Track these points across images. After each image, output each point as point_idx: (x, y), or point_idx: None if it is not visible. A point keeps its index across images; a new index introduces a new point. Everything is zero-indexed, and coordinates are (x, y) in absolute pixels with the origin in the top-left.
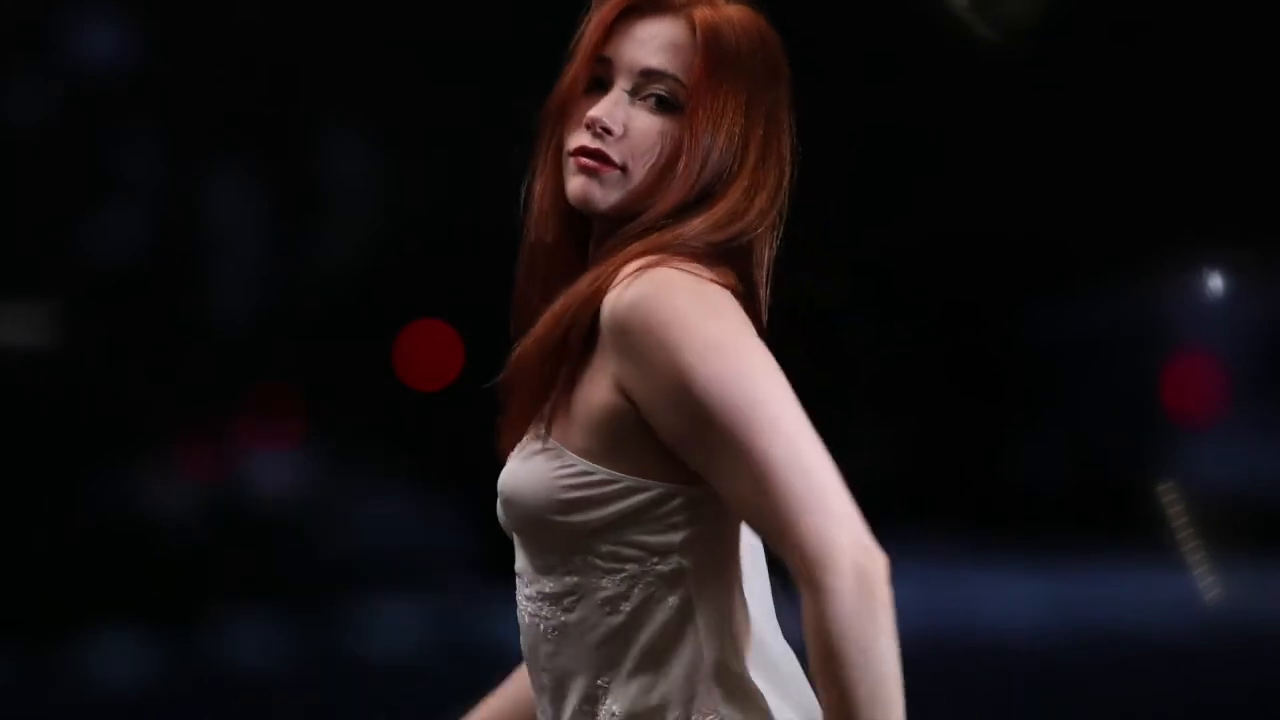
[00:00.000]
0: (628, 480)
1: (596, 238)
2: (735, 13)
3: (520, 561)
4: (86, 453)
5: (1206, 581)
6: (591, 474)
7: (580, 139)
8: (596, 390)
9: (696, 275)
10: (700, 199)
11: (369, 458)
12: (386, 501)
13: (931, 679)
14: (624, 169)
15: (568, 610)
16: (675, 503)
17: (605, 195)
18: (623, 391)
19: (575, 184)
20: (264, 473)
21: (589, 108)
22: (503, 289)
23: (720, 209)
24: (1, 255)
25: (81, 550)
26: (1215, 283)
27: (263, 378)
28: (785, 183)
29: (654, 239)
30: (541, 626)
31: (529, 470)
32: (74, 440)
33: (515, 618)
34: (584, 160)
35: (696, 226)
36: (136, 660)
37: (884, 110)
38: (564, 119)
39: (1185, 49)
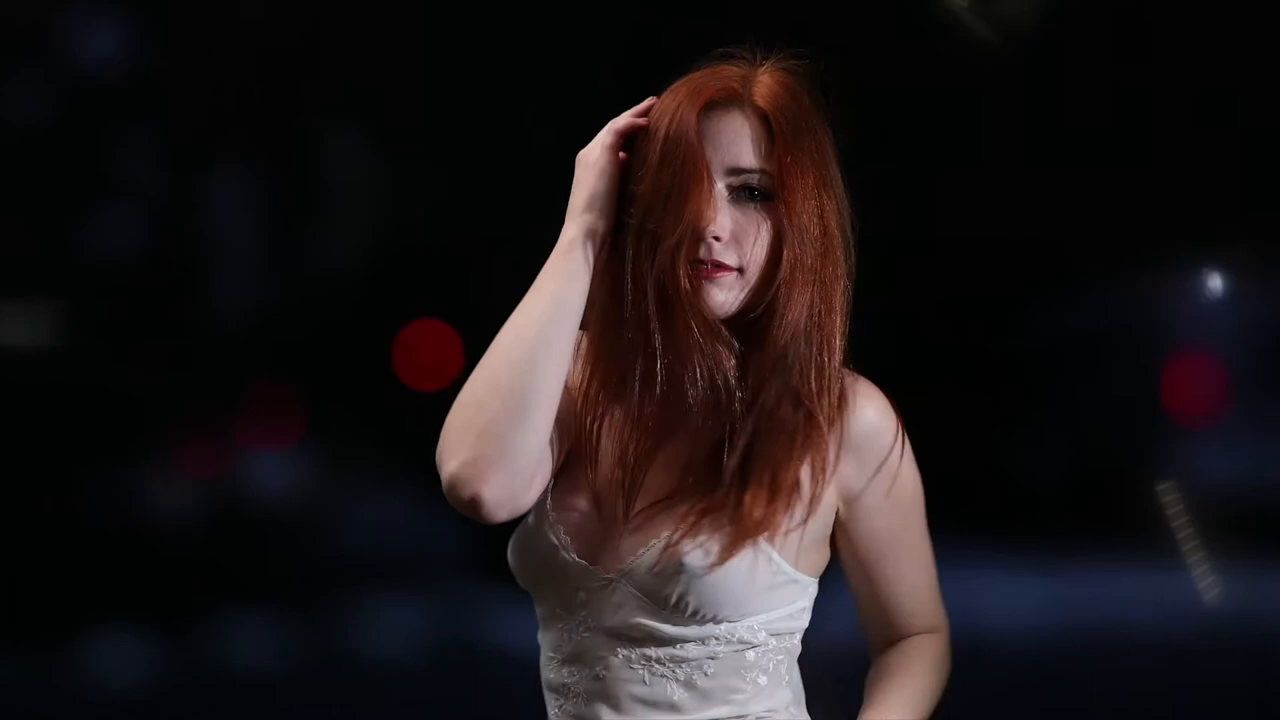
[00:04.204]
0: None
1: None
2: (782, 86)
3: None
4: (86, 453)
5: (1206, 581)
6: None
7: (698, 250)
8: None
9: None
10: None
11: (369, 458)
12: (386, 501)
13: None
14: (740, 270)
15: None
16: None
17: (728, 299)
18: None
19: (706, 295)
20: (264, 473)
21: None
22: (502, 289)
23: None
24: (1, 255)
25: (81, 550)
26: (1215, 283)
27: (263, 378)
28: (849, 224)
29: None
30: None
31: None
32: (74, 440)
33: (513, 618)
34: (707, 271)
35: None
36: (136, 660)
37: (883, 111)
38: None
39: (1185, 49)
